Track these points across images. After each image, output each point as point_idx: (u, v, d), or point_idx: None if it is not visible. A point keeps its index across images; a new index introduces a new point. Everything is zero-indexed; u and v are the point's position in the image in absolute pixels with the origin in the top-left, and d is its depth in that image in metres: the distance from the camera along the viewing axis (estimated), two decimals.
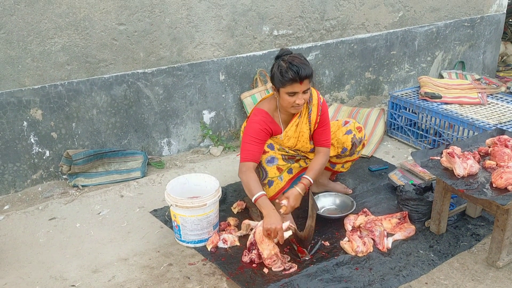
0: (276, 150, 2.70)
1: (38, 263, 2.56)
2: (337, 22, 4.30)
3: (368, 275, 2.43)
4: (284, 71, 2.46)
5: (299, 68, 2.44)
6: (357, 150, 2.97)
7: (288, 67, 2.46)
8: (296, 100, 2.53)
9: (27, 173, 3.24)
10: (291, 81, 2.46)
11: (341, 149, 2.92)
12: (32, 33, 3.02)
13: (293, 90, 2.49)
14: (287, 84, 2.48)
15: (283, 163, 2.73)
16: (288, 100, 2.54)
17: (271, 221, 2.41)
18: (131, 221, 2.94)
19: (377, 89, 4.83)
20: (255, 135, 2.60)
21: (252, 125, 2.62)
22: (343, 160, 3.02)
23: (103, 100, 3.37)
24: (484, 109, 3.84)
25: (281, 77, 2.47)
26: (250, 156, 2.58)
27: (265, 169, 2.69)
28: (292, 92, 2.50)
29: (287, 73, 2.45)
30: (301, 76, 2.45)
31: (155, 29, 3.41)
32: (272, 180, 2.71)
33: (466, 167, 2.46)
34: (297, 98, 2.52)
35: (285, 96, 2.54)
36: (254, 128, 2.61)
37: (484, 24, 5.38)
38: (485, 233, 2.75)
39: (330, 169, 3.11)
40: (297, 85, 2.48)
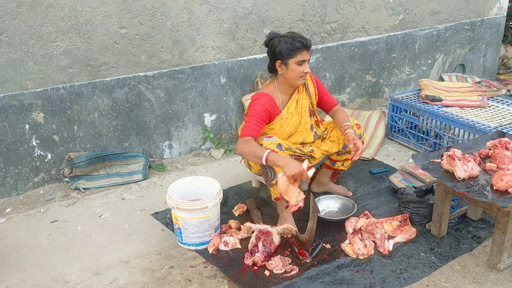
0: (284, 150, 2.71)
1: (39, 265, 2.56)
2: (338, 25, 4.31)
3: (369, 277, 2.43)
4: (291, 42, 2.65)
5: (302, 37, 2.68)
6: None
7: (292, 37, 2.67)
8: (304, 69, 2.70)
9: (29, 176, 3.25)
10: (300, 49, 2.65)
11: (342, 145, 2.95)
12: (34, 37, 3.03)
13: (302, 58, 2.68)
14: (297, 53, 2.65)
15: None
16: (297, 70, 2.69)
17: (292, 167, 2.42)
18: (132, 223, 2.94)
19: (378, 92, 4.84)
20: (257, 115, 2.69)
21: (255, 106, 2.72)
22: (343, 157, 3.03)
23: (104, 103, 3.38)
24: (484, 111, 3.84)
25: (290, 46, 2.65)
26: (249, 132, 2.63)
27: (274, 170, 2.68)
28: (301, 60, 2.68)
29: (295, 43, 2.65)
30: (307, 44, 2.67)
31: (157, 33, 3.43)
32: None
33: (467, 169, 2.47)
34: (305, 67, 2.71)
35: (294, 67, 2.69)
36: (257, 108, 2.71)
37: (485, 27, 5.39)
38: (486, 236, 2.75)
39: (331, 167, 3.12)
40: (305, 53, 2.68)
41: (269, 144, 2.68)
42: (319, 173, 3.22)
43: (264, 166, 2.70)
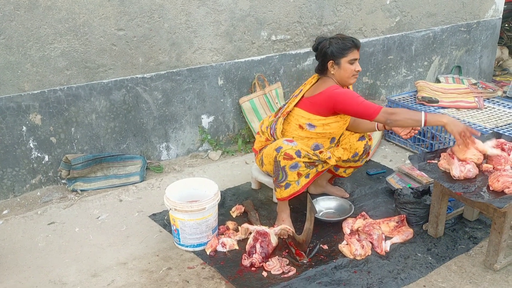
0: (301, 158, 2.70)
1: (37, 267, 2.56)
2: (335, 27, 4.33)
3: (366, 278, 2.44)
4: (342, 42, 2.75)
5: (352, 37, 2.79)
6: (363, 157, 3.01)
7: (342, 38, 2.77)
8: (356, 67, 2.78)
9: (26, 177, 3.25)
10: (351, 48, 2.75)
11: (352, 153, 2.96)
12: (32, 39, 3.04)
13: (354, 56, 2.76)
14: (349, 52, 2.74)
15: (304, 169, 2.73)
16: (350, 69, 2.77)
17: (456, 124, 2.50)
18: (130, 225, 2.95)
19: (375, 93, 4.85)
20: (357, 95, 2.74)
21: (347, 92, 2.74)
22: (347, 164, 3.04)
23: (102, 105, 3.38)
24: (480, 113, 3.86)
25: (343, 46, 2.74)
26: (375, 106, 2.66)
27: (286, 173, 2.70)
28: (353, 59, 2.76)
29: (346, 42, 2.75)
30: (357, 43, 2.78)
31: (154, 35, 3.43)
32: (290, 183, 2.74)
33: (463, 170, 2.48)
34: (356, 66, 2.79)
35: (346, 66, 2.77)
36: (350, 91, 2.77)
37: (481, 29, 5.42)
38: (483, 236, 2.77)
39: (333, 171, 3.13)
40: (356, 52, 2.77)
41: (289, 149, 2.67)
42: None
43: (277, 168, 2.71)
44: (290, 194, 2.76)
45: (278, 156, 2.70)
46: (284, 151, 2.68)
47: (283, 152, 2.68)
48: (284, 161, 2.68)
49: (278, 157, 2.69)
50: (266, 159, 2.83)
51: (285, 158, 2.68)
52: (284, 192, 2.76)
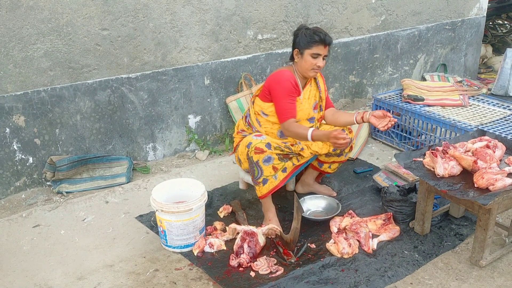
0: (272, 150, 2.73)
1: (22, 271, 2.52)
2: (321, 26, 4.32)
3: (354, 276, 2.44)
4: (312, 33, 2.75)
5: (325, 34, 2.78)
6: (345, 151, 3.01)
7: (314, 31, 2.77)
8: (318, 63, 2.78)
9: (10, 180, 3.20)
10: (318, 43, 2.74)
11: (332, 147, 2.96)
12: (14, 39, 2.99)
13: (317, 51, 2.76)
14: (314, 45, 2.75)
15: (278, 162, 2.76)
16: (310, 62, 2.78)
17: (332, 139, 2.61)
18: (116, 227, 2.92)
19: (361, 92, 4.87)
20: (289, 93, 2.80)
21: (284, 83, 2.80)
22: (331, 159, 3.05)
23: (87, 106, 3.35)
24: (465, 110, 3.90)
25: (309, 38, 2.75)
26: (289, 114, 2.80)
27: (261, 168, 2.72)
28: (316, 53, 2.76)
29: (315, 36, 2.74)
30: (327, 40, 2.76)
31: (139, 34, 3.41)
32: (267, 178, 2.75)
33: (447, 167, 2.50)
34: (318, 61, 2.78)
35: (308, 58, 2.78)
36: (287, 86, 2.80)
37: (465, 27, 5.47)
38: (469, 233, 2.79)
39: (317, 168, 3.14)
40: (321, 48, 2.76)
41: (258, 143, 2.71)
42: (304, 174, 3.23)
43: (251, 164, 2.74)
44: (269, 189, 2.78)
45: (249, 152, 2.73)
46: (254, 146, 2.72)
47: (253, 147, 2.72)
48: (256, 155, 2.71)
49: (250, 152, 2.73)
50: (242, 156, 2.86)
51: (257, 152, 2.71)
52: (263, 188, 2.77)
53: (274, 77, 2.85)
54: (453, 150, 2.57)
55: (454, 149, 2.59)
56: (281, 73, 2.85)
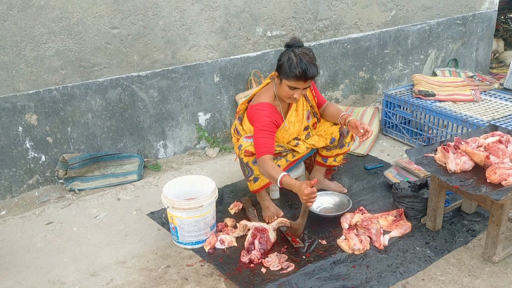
0: None
1: (35, 267, 2.56)
2: (330, 22, 4.32)
3: (365, 272, 2.44)
4: (294, 67, 2.55)
5: (307, 67, 2.55)
6: (346, 141, 3.01)
7: (298, 63, 2.55)
8: (295, 95, 2.66)
9: (23, 178, 3.24)
10: (296, 78, 2.58)
11: (329, 139, 2.96)
12: (26, 39, 3.02)
13: (296, 86, 2.62)
14: (292, 79, 2.59)
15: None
16: (287, 92, 2.66)
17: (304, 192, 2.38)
18: (128, 224, 2.94)
19: (371, 88, 4.85)
20: (266, 128, 2.66)
21: (262, 119, 2.67)
22: (333, 152, 3.05)
23: (98, 104, 3.37)
24: (477, 106, 3.86)
25: (289, 70, 2.57)
26: (265, 149, 2.63)
27: (251, 168, 2.79)
28: (294, 87, 2.62)
29: (296, 70, 2.55)
30: (308, 76, 2.57)
31: (149, 32, 3.42)
32: (258, 177, 2.82)
33: (459, 163, 2.48)
34: (296, 93, 2.65)
35: (285, 88, 2.65)
36: (264, 121, 2.67)
37: (476, 22, 5.41)
38: (481, 229, 2.77)
39: (323, 163, 3.13)
40: (301, 83, 2.60)
41: (248, 146, 2.73)
42: (313, 171, 3.23)
43: (242, 164, 2.80)
44: (260, 186, 2.87)
45: (240, 153, 2.78)
46: (244, 149, 2.75)
47: (243, 150, 2.75)
48: (246, 158, 2.75)
49: (240, 154, 2.77)
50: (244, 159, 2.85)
51: (246, 155, 2.75)
52: (254, 185, 2.86)
53: (254, 110, 2.72)
54: (465, 146, 2.56)
55: (466, 145, 2.57)
56: (260, 106, 2.71)
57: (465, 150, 2.53)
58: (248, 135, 2.81)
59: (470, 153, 2.52)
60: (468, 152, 2.53)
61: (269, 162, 2.58)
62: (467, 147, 2.54)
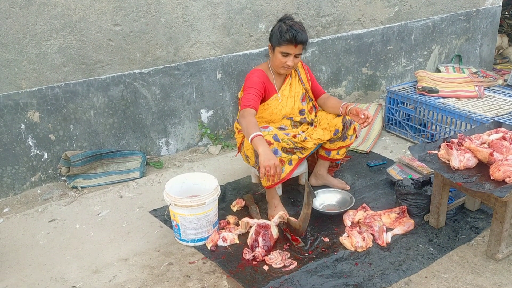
0: (281, 142, 2.73)
1: (38, 265, 2.56)
2: (333, 18, 4.30)
3: (368, 270, 2.43)
4: (284, 32, 2.69)
5: (297, 32, 2.69)
6: (348, 133, 3.01)
7: (287, 29, 2.69)
8: (288, 61, 2.76)
9: (26, 175, 3.25)
10: (287, 42, 2.70)
11: (333, 131, 2.96)
12: (28, 36, 3.02)
13: (287, 51, 2.72)
14: (283, 44, 2.71)
15: (285, 155, 2.77)
16: (280, 59, 2.77)
17: (268, 158, 2.46)
18: (130, 221, 2.94)
19: (375, 84, 4.83)
20: (254, 86, 2.80)
21: (252, 78, 2.83)
22: (336, 145, 3.04)
23: (100, 101, 3.37)
24: (481, 102, 3.84)
25: (280, 36, 2.71)
26: (250, 102, 2.73)
27: None
28: (286, 52, 2.73)
29: (286, 34, 2.69)
30: (297, 39, 2.68)
31: (151, 29, 3.41)
32: None
33: (463, 160, 2.46)
34: (288, 60, 2.76)
35: (278, 55, 2.76)
36: (254, 79, 2.82)
37: (480, 17, 5.38)
38: (484, 226, 2.76)
39: (326, 157, 3.13)
40: (291, 47, 2.71)
41: (266, 135, 2.69)
42: (316, 166, 3.22)
43: (257, 155, 2.71)
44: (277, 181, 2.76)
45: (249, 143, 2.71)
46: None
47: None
48: None
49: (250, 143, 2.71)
50: (248, 152, 2.82)
51: None
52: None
53: (246, 77, 2.90)
54: (468, 142, 2.54)
55: (470, 141, 2.55)
56: (252, 71, 2.90)
57: (469, 147, 2.52)
58: (264, 125, 2.83)
59: (474, 150, 2.50)
60: (471, 149, 2.51)
61: (252, 117, 2.66)
62: (471, 144, 2.52)
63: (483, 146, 2.53)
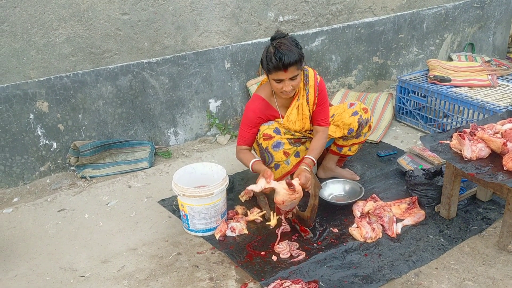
0: (282, 135, 2.70)
1: (47, 254, 2.57)
2: (344, 6, 4.23)
3: (377, 261, 2.41)
4: (269, 58, 2.48)
5: (283, 56, 2.43)
6: (363, 131, 2.95)
7: (273, 53, 2.46)
8: (283, 87, 2.55)
9: (35, 165, 3.26)
10: (275, 69, 2.48)
11: (347, 130, 2.91)
12: (36, 25, 3.01)
13: (278, 77, 2.52)
14: (273, 71, 2.51)
15: (289, 147, 2.74)
16: (275, 86, 2.59)
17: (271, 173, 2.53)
18: (139, 211, 2.94)
19: (385, 73, 4.76)
20: (249, 123, 2.73)
21: (248, 113, 2.74)
22: (349, 142, 3.00)
23: (108, 91, 3.36)
24: (494, 91, 3.77)
25: (267, 63, 2.51)
26: (244, 142, 2.78)
27: (271, 154, 2.72)
28: (277, 79, 2.53)
29: (271, 61, 2.46)
30: (285, 64, 2.44)
31: (159, 18, 3.38)
32: (279, 163, 2.76)
33: (475, 150, 2.42)
34: (284, 85, 2.55)
35: (273, 83, 2.59)
36: (249, 116, 2.73)
37: (494, 5, 5.27)
38: (496, 217, 2.71)
39: (337, 152, 3.09)
40: (281, 73, 2.49)
41: (266, 129, 2.68)
42: (325, 159, 3.18)
43: (261, 150, 2.75)
44: (282, 174, 2.79)
45: (258, 138, 2.72)
46: (262, 132, 2.71)
47: (262, 134, 2.70)
48: (265, 142, 2.70)
49: (259, 139, 2.72)
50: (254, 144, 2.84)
51: (265, 139, 2.70)
52: (276, 173, 2.78)
53: (246, 105, 2.80)
54: (481, 132, 2.49)
55: (483, 131, 2.50)
56: (251, 100, 2.77)
57: (482, 137, 2.47)
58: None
59: (487, 140, 2.45)
60: (484, 139, 2.46)
61: (244, 151, 2.76)
62: (484, 134, 2.47)
63: (496, 136, 2.48)
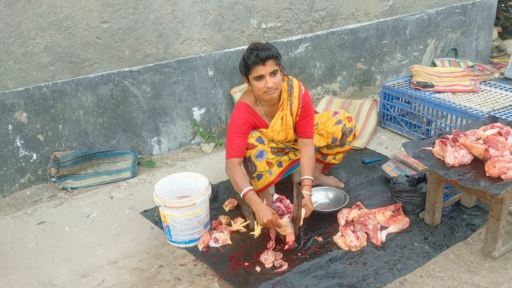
0: (265, 144, 2.67)
1: (26, 268, 2.51)
2: (326, 13, 4.23)
3: (362, 270, 2.38)
4: (246, 57, 2.50)
5: (259, 50, 2.46)
6: (347, 140, 2.94)
7: (250, 50, 2.50)
8: (266, 84, 2.50)
9: (15, 177, 3.19)
10: (254, 64, 2.47)
11: (331, 139, 2.89)
12: (13, 34, 2.95)
13: (257, 73, 2.49)
14: (251, 69, 2.49)
15: (273, 156, 2.71)
16: (258, 86, 2.53)
17: (263, 215, 2.44)
18: (121, 222, 2.89)
19: (370, 79, 4.77)
20: (238, 130, 2.61)
21: (235, 119, 2.63)
22: (334, 151, 2.98)
23: (89, 100, 3.31)
24: (477, 96, 3.79)
25: (244, 63, 2.51)
26: (235, 151, 2.60)
27: (254, 164, 2.68)
28: (258, 76, 2.50)
29: (249, 58, 2.48)
30: (261, 57, 2.45)
31: (140, 26, 3.35)
32: (261, 174, 2.71)
33: (458, 156, 2.41)
34: (265, 82, 2.50)
35: (254, 83, 2.54)
36: (237, 122, 2.62)
37: (476, 10, 5.32)
38: (481, 223, 2.71)
39: (322, 161, 3.07)
40: (260, 68, 2.47)
41: (249, 138, 2.65)
42: None
43: (244, 159, 2.70)
44: (265, 185, 2.76)
45: None
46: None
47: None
48: (248, 151, 2.66)
49: None
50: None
51: (248, 148, 2.66)
52: (258, 183, 2.75)
53: (232, 113, 2.69)
54: (463, 138, 2.49)
55: (465, 137, 2.50)
56: (236, 106, 2.68)
57: (464, 143, 2.47)
58: None
59: (469, 146, 2.45)
60: (466, 145, 2.46)
61: (238, 168, 2.58)
62: (466, 140, 2.47)
63: (479, 142, 2.48)
